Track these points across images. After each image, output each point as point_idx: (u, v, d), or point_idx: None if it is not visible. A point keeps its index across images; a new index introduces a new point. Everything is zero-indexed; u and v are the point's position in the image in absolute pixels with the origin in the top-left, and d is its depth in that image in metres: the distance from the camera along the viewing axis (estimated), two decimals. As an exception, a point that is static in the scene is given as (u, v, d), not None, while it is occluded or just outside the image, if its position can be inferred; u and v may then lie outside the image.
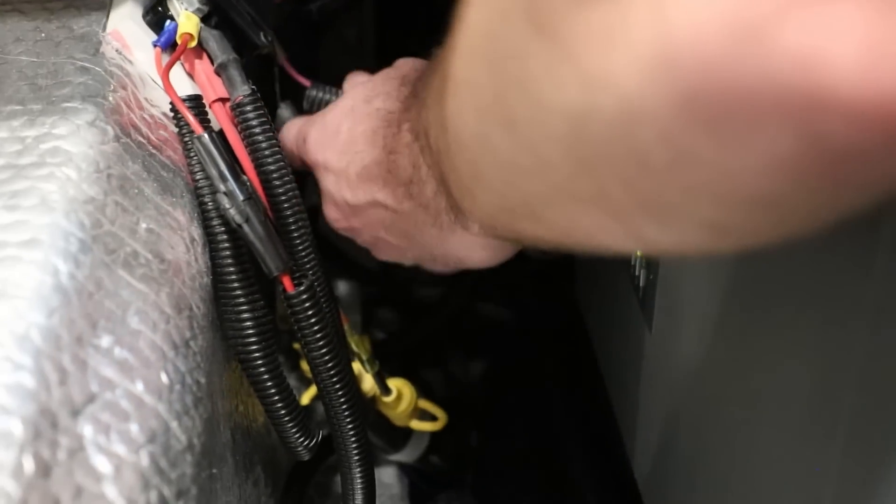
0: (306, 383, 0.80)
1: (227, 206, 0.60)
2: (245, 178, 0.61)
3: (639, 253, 0.70)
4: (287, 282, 0.62)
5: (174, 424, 0.52)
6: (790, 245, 0.47)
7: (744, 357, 0.55)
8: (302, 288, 0.63)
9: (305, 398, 0.79)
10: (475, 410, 1.04)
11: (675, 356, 0.65)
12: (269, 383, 0.64)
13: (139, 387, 0.50)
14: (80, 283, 0.51)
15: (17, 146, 0.57)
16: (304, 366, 0.74)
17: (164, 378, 0.53)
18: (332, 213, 0.72)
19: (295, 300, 0.63)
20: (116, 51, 0.66)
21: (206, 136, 0.61)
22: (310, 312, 0.63)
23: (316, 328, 0.64)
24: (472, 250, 0.67)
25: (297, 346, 0.73)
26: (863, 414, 0.42)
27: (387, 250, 0.72)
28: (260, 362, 0.63)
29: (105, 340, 0.50)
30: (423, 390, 0.87)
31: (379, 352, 0.85)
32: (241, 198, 0.60)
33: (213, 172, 0.61)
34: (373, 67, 0.73)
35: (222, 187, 0.60)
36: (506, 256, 0.69)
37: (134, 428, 0.49)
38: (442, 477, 0.98)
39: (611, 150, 0.33)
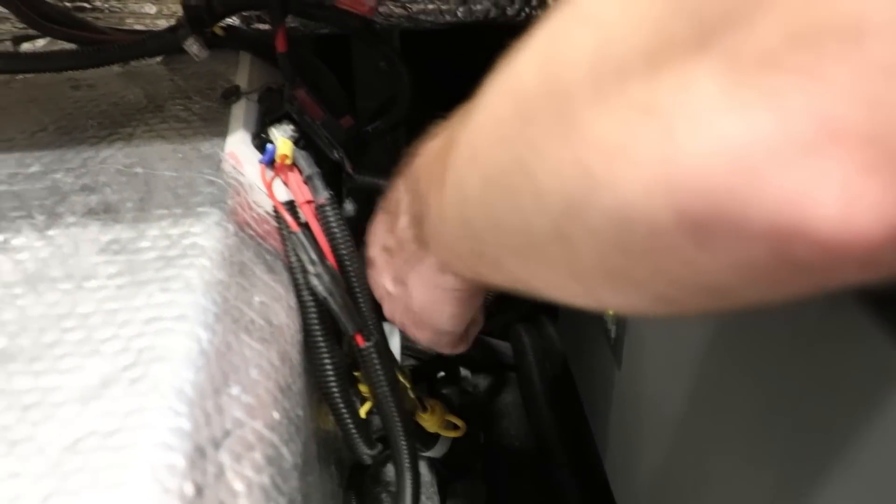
0: (361, 400, 0.80)
1: (316, 283, 0.61)
2: (328, 262, 0.62)
3: (611, 312, 0.71)
4: (359, 339, 0.63)
5: (284, 450, 0.53)
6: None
7: (693, 388, 0.56)
8: (370, 343, 0.64)
9: (362, 412, 0.80)
10: (482, 417, 1.05)
11: (639, 388, 0.66)
12: (345, 410, 0.65)
13: (259, 424, 0.51)
14: (216, 346, 0.52)
15: (167, 242, 0.58)
16: (361, 387, 0.75)
17: (275, 415, 0.53)
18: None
19: (365, 352, 0.64)
20: (232, 167, 0.67)
21: (301, 233, 0.62)
22: (375, 360, 0.65)
23: (379, 371, 0.65)
24: (431, 292, 0.58)
25: (357, 373, 0.73)
26: (793, 437, 0.42)
27: (380, 291, 0.63)
28: (338, 396, 0.65)
29: (234, 389, 0.51)
30: (444, 401, 0.88)
31: (413, 375, 0.86)
32: (326, 278, 0.61)
33: (306, 258, 0.62)
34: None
35: (312, 269, 0.61)
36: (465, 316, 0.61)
37: (257, 455, 0.50)
38: (459, 467, 0.98)
39: (596, 233, 0.30)
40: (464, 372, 1.09)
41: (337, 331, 0.66)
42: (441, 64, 0.98)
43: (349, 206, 0.78)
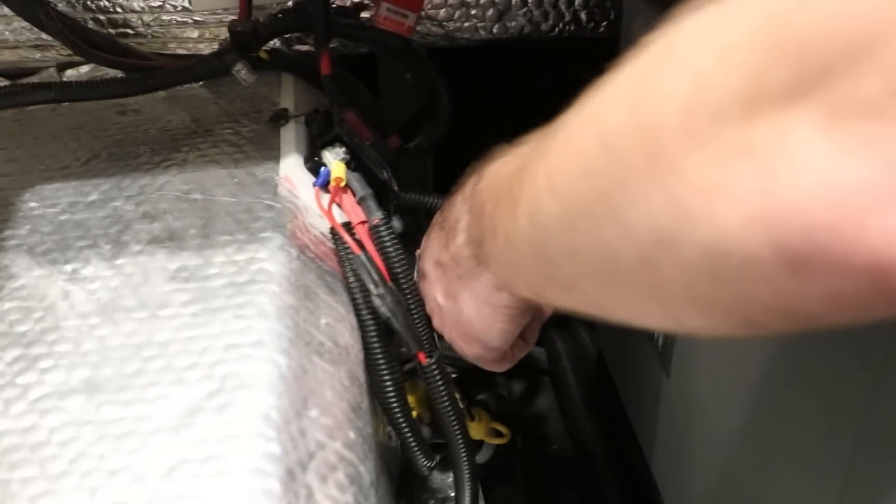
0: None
1: (380, 304, 0.62)
2: (391, 285, 0.64)
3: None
4: (422, 356, 0.65)
5: (362, 468, 0.54)
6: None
7: (750, 399, 0.57)
8: (433, 360, 0.65)
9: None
10: (519, 422, 1.06)
11: (691, 397, 0.67)
12: (405, 426, 0.67)
13: (338, 444, 0.53)
14: (293, 370, 0.53)
15: (234, 268, 0.60)
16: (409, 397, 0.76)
17: (351, 435, 0.55)
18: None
19: (427, 369, 0.66)
20: (288, 190, 0.69)
21: (363, 255, 0.64)
22: (437, 377, 0.66)
23: (441, 387, 0.67)
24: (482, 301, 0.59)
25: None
26: (859, 455, 0.43)
27: (431, 303, 0.65)
28: (399, 412, 0.66)
29: (313, 412, 0.53)
30: (483, 408, 0.90)
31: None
32: (389, 298, 0.63)
33: (368, 279, 0.63)
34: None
35: (375, 290, 0.63)
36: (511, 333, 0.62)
37: (340, 475, 0.51)
38: (499, 471, 1.00)
39: (686, 263, 0.31)
40: (498, 377, 1.11)
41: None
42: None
43: (396, 224, 0.79)
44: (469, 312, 0.61)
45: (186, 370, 0.52)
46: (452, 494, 0.87)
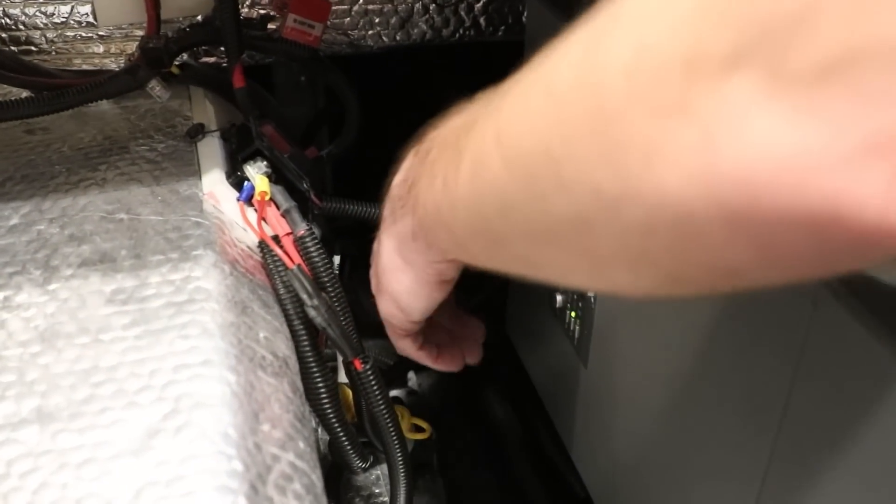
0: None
1: (315, 315, 0.64)
2: (324, 295, 0.66)
3: (573, 314, 0.76)
4: (358, 364, 0.67)
5: (314, 477, 0.56)
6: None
7: (672, 381, 0.60)
8: (368, 366, 0.68)
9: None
10: (432, 414, 1.09)
11: (610, 385, 0.71)
12: (340, 431, 0.69)
13: (291, 455, 0.55)
14: (242, 387, 0.55)
15: (171, 288, 0.61)
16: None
17: (301, 445, 0.57)
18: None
19: (363, 374, 0.68)
20: (213, 206, 0.70)
21: (296, 268, 0.65)
22: (373, 382, 0.69)
23: (377, 391, 0.69)
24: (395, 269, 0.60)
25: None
26: (781, 429, 0.46)
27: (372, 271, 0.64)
28: (334, 418, 0.68)
29: (265, 426, 0.54)
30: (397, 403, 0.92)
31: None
32: (323, 309, 0.65)
33: (303, 291, 0.65)
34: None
35: (310, 302, 0.65)
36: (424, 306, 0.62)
37: (297, 486, 0.53)
38: (416, 464, 1.03)
39: (622, 220, 0.32)
40: (409, 373, 1.14)
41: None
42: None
43: (316, 231, 0.81)
44: (384, 261, 0.61)
45: (138, 393, 0.53)
46: (377, 491, 0.90)
